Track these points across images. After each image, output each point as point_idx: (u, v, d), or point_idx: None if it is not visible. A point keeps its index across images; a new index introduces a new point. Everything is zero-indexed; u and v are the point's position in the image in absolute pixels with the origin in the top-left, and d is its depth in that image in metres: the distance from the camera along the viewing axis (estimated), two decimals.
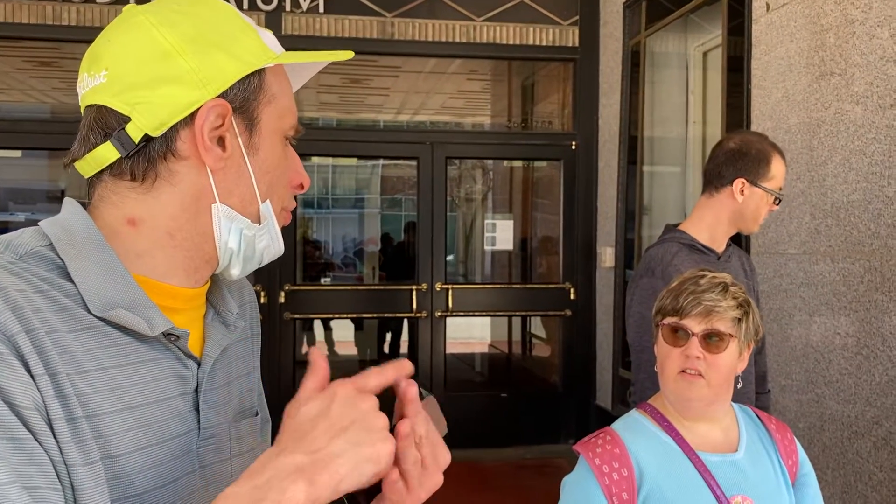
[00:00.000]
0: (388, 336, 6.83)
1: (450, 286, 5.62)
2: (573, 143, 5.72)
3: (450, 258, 6.13)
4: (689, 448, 1.57)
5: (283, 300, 5.42)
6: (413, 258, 5.77)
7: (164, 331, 0.80)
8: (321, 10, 5.28)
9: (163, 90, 0.80)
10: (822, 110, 3.20)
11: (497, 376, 7.48)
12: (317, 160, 7.55)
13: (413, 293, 5.58)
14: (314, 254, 7.14)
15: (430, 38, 5.42)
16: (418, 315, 5.58)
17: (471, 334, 7.26)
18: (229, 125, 0.83)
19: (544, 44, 5.58)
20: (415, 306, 5.58)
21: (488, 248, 6.98)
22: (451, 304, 5.59)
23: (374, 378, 0.75)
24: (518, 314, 6.50)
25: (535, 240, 6.70)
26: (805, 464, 1.68)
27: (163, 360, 0.82)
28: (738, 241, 3.11)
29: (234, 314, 0.93)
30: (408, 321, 5.97)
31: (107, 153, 0.82)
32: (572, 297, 5.72)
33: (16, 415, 0.68)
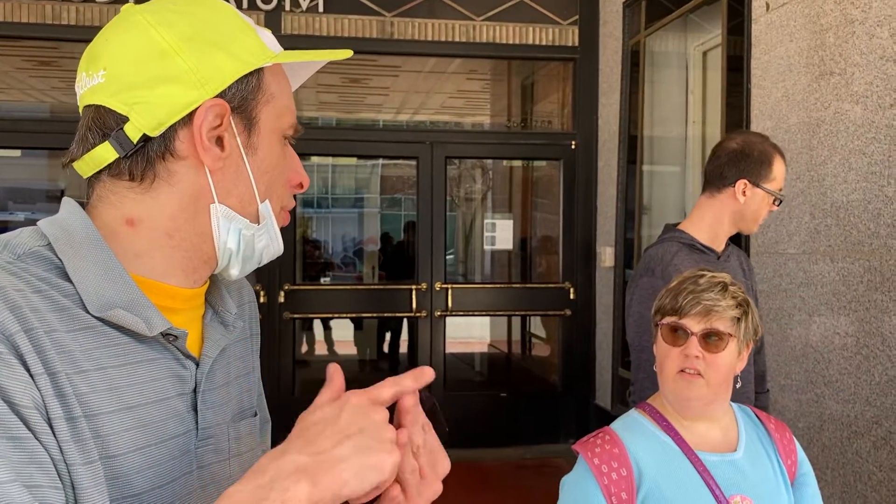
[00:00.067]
0: (388, 336, 6.82)
1: (449, 286, 5.62)
2: (573, 143, 5.72)
3: (449, 258, 6.13)
4: (688, 448, 1.56)
5: (282, 300, 5.41)
6: (413, 258, 5.76)
7: (163, 331, 0.80)
8: (320, 9, 5.27)
9: (161, 90, 0.80)
10: (821, 110, 3.20)
11: (496, 376, 7.47)
12: (316, 160, 7.55)
13: (413, 293, 5.57)
14: (314, 253, 7.13)
15: (430, 38, 5.41)
16: (418, 315, 5.58)
17: (470, 334, 7.25)
18: (228, 125, 0.83)
19: (544, 43, 5.57)
20: (414, 306, 5.57)
21: (488, 247, 6.98)
22: (450, 304, 5.59)
23: (388, 389, 0.75)
24: (517, 314, 6.50)
25: (535, 239, 6.70)
26: (804, 463, 1.68)
27: (161, 360, 0.82)
28: (738, 240, 3.11)
29: (233, 314, 0.93)
30: (407, 321, 5.96)
31: (105, 153, 0.81)
32: (572, 296, 5.72)
33: (16, 414, 0.68)
